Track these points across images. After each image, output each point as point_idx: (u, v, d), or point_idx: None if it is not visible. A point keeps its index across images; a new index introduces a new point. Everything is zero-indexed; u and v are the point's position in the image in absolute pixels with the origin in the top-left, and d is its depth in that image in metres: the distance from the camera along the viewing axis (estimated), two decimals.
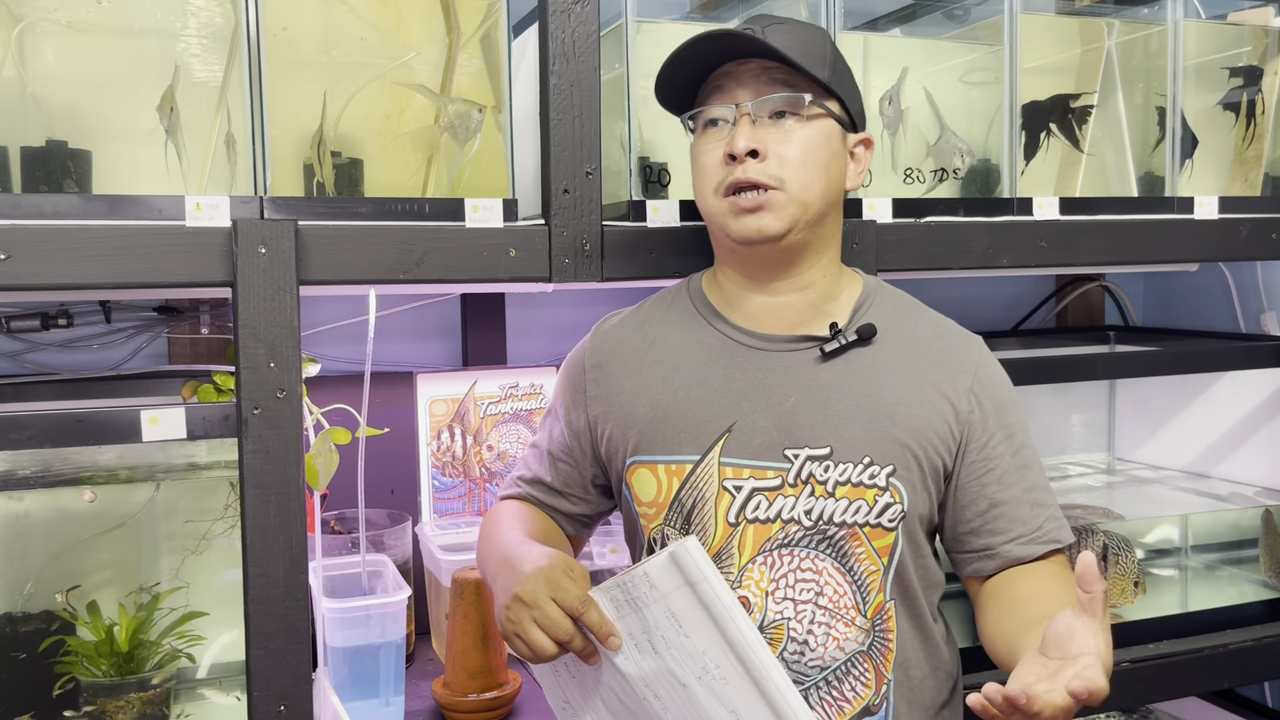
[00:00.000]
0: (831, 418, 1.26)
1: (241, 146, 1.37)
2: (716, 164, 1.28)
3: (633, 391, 1.33)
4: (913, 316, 1.36)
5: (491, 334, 2.12)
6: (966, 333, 1.37)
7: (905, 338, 1.32)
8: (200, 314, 1.92)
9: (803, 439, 1.26)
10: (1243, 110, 1.91)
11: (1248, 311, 2.31)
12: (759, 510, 1.26)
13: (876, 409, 1.27)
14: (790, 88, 1.27)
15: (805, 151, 1.26)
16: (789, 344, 1.31)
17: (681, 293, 1.40)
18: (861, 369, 1.29)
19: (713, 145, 1.29)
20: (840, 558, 1.25)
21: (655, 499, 1.30)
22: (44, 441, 1.29)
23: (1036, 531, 1.30)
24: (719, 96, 1.29)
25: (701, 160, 1.30)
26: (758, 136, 1.25)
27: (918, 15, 1.82)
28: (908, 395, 1.28)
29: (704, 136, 1.31)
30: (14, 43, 1.31)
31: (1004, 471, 1.30)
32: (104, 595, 1.47)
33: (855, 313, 1.33)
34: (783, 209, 1.25)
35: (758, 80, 1.27)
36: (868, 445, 1.26)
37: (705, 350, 1.33)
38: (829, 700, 1.25)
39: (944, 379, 1.30)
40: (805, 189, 1.26)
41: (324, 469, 1.50)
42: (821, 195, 1.28)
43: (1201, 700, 2.22)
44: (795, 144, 1.26)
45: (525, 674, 1.86)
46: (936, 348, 1.33)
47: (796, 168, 1.26)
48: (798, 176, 1.26)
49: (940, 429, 1.28)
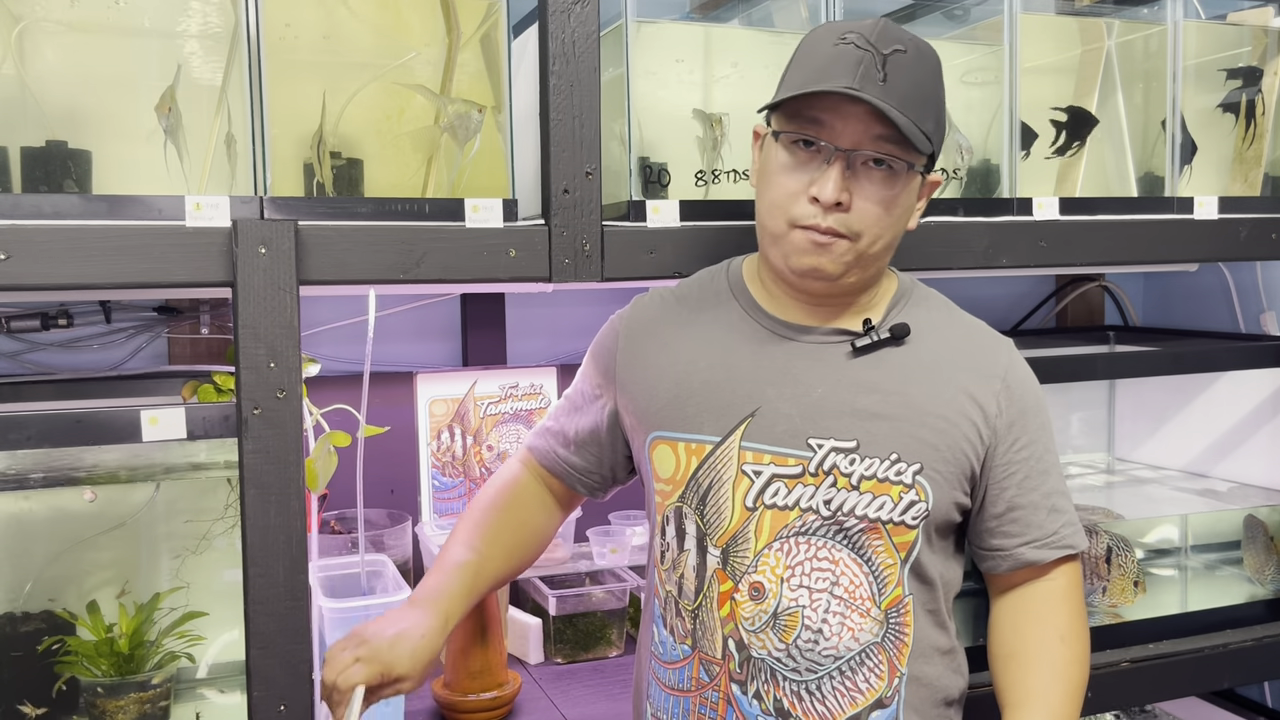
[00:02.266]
0: (860, 412, 1.27)
1: (241, 146, 1.37)
2: (797, 195, 1.24)
3: (659, 367, 1.34)
4: (945, 317, 1.36)
5: (491, 334, 2.12)
6: (997, 335, 1.37)
7: (937, 338, 1.33)
8: (200, 314, 1.92)
9: (829, 430, 1.27)
10: (1242, 111, 1.91)
11: (1247, 311, 2.31)
12: (777, 496, 1.26)
13: (906, 407, 1.27)
14: (896, 146, 1.22)
15: (887, 210, 1.25)
16: (822, 336, 1.31)
17: (720, 275, 1.40)
18: (893, 367, 1.30)
19: (799, 172, 1.24)
20: (856, 549, 1.26)
21: (673, 476, 1.31)
22: (44, 441, 1.29)
23: (1051, 537, 1.32)
24: (818, 130, 1.22)
25: (782, 179, 1.25)
26: (847, 186, 1.22)
27: (918, 15, 1.82)
28: (938, 396, 1.28)
29: (791, 154, 1.25)
30: (14, 43, 1.31)
31: (1025, 476, 1.31)
32: (104, 595, 1.47)
33: (890, 311, 1.33)
34: (843, 256, 1.25)
35: (863, 128, 1.21)
36: (895, 442, 1.26)
37: (736, 334, 1.33)
38: (842, 690, 1.26)
39: (974, 382, 1.30)
40: (873, 243, 1.25)
41: (323, 472, 1.50)
42: (885, 246, 1.27)
43: (1201, 700, 2.22)
44: (880, 203, 1.24)
45: (525, 674, 1.86)
46: (967, 350, 1.33)
47: (873, 223, 1.24)
48: (872, 231, 1.24)
49: (969, 431, 1.28)
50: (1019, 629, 1.33)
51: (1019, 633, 1.32)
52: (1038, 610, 1.32)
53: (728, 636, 1.27)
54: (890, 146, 1.22)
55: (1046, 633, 1.31)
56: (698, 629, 1.29)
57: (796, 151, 1.25)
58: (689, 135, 1.61)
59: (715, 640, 1.28)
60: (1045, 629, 1.31)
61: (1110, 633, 1.79)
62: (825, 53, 1.23)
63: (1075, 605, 1.33)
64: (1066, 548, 1.32)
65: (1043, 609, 1.32)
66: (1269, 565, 1.93)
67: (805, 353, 1.30)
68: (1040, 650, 1.30)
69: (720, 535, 1.28)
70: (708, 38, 1.67)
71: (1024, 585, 1.34)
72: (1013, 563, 1.32)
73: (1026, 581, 1.34)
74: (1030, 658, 1.30)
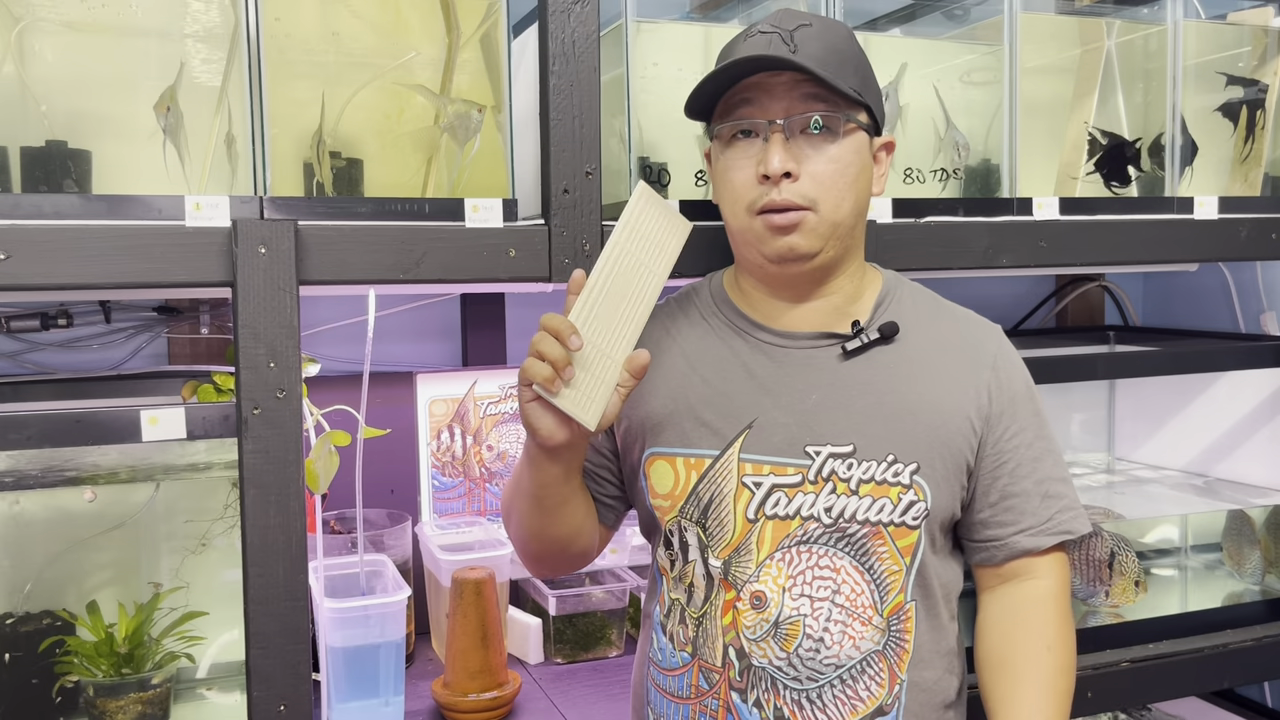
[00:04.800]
0: (854, 415, 1.27)
1: (241, 146, 1.37)
2: (748, 181, 1.25)
3: (653, 383, 1.33)
4: (932, 312, 1.36)
5: (491, 334, 2.12)
6: (986, 323, 1.37)
7: (926, 334, 1.32)
8: (200, 314, 1.92)
9: (824, 436, 1.26)
10: (1242, 122, 1.91)
11: (1248, 311, 2.31)
12: (778, 507, 1.26)
13: (899, 406, 1.27)
14: (825, 104, 1.24)
15: (838, 170, 1.25)
16: (811, 341, 1.31)
17: (702, 290, 1.40)
18: (884, 366, 1.29)
19: (743, 160, 1.26)
20: (860, 556, 1.26)
21: (672, 491, 1.30)
22: (44, 441, 1.29)
23: (1046, 523, 1.31)
24: (749, 110, 1.26)
25: (731, 175, 1.27)
26: (791, 155, 1.23)
27: (918, 15, 1.82)
28: (930, 392, 1.28)
29: (733, 149, 1.28)
30: (14, 43, 1.31)
31: (1017, 464, 1.30)
32: (104, 595, 1.47)
33: (876, 310, 1.33)
34: (814, 230, 1.24)
35: (790, 94, 1.24)
36: (891, 443, 1.26)
37: (726, 347, 1.33)
38: (842, 699, 1.25)
39: (965, 374, 1.30)
40: (837, 208, 1.25)
41: (324, 472, 1.50)
42: (852, 211, 1.27)
43: (1201, 700, 2.22)
44: (829, 163, 1.24)
45: (525, 674, 1.86)
46: (957, 343, 1.33)
47: (829, 188, 1.24)
48: (830, 197, 1.24)
49: (962, 425, 1.28)
50: (1008, 636, 1.31)
51: (1008, 640, 1.31)
52: (1027, 616, 1.31)
53: (728, 645, 1.27)
54: (820, 105, 1.24)
55: (1034, 642, 1.30)
56: (699, 637, 1.29)
57: (737, 144, 1.27)
58: (689, 135, 1.61)
59: (716, 648, 1.28)
60: (1033, 638, 1.30)
61: (1110, 633, 1.79)
62: (735, 47, 1.27)
63: (1063, 610, 1.33)
64: (1063, 533, 1.32)
65: (1032, 615, 1.31)
66: (1250, 559, 1.93)
67: (797, 360, 1.30)
68: (1029, 662, 1.29)
69: (722, 548, 1.27)
70: (708, 38, 1.67)
71: (1013, 584, 1.33)
72: (1008, 552, 1.31)
73: (1016, 579, 1.33)
74: (1019, 669, 1.29)
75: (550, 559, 1.38)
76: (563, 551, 1.35)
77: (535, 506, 1.28)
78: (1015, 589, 1.33)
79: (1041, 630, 1.31)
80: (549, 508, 1.28)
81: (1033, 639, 1.30)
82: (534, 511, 1.29)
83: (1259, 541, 1.94)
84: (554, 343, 1.14)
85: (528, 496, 1.28)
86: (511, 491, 1.34)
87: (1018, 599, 1.32)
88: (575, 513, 1.32)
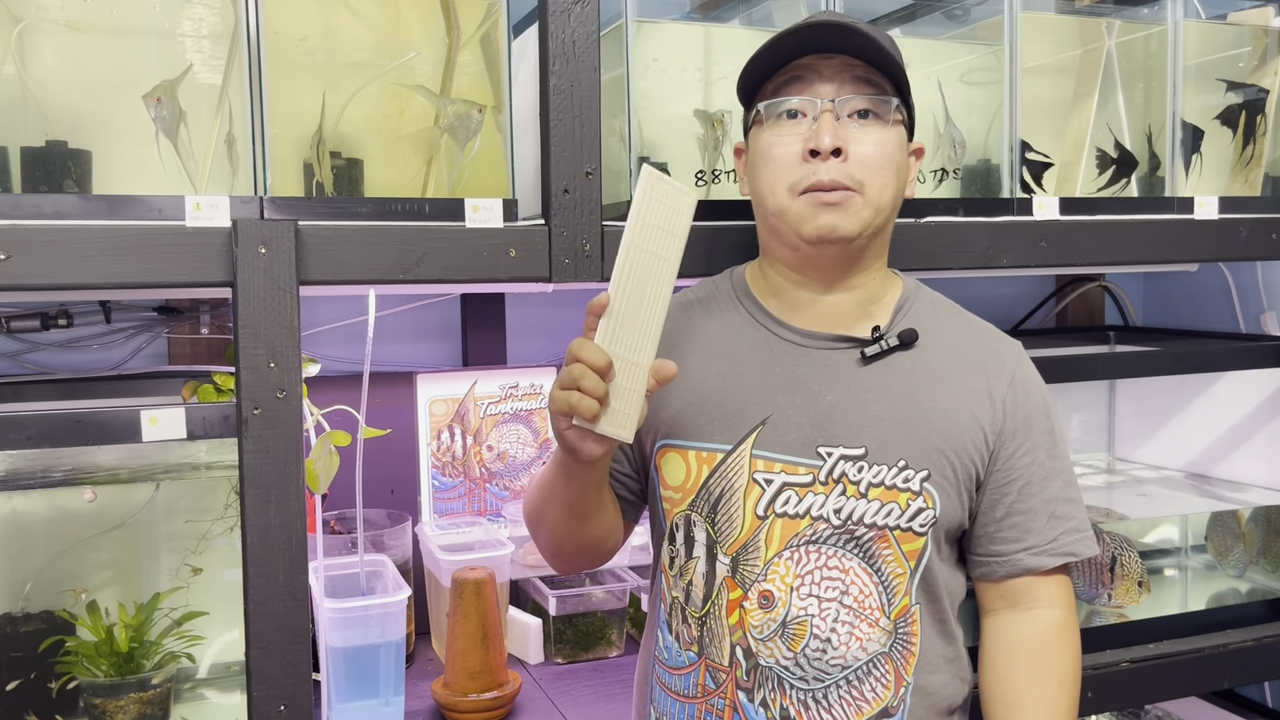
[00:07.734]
0: (868, 418, 1.26)
1: (241, 146, 1.37)
2: (793, 159, 1.25)
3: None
4: (952, 321, 1.36)
5: (491, 334, 2.12)
6: (1005, 338, 1.37)
7: (945, 343, 1.32)
8: (200, 314, 1.92)
9: (837, 437, 1.26)
10: (1241, 128, 1.91)
11: (1248, 311, 2.31)
12: (788, 505, 1.26)
13: (914, 413, 1.27)
14: (876, 88, 1.25)
15: (884, 155, 1.25)
16: (830, 343, 1.30)
17: (724, 283, 1.39)
18: (901, 372, 1.29)
19: (789, 138, 1.26)
20: (868, 558, 1.25)
21: (683, 484, 1.30)
22: (44, 441, 1.29)
23: (1051, 544, 1.30)
24: (799, 88, 1.26)
25: (775, 153, 1.26)
26: (841, 134, 1.23)
27: (918, 15, 1.82)
28: (946, 401, 1.28)
29: (777, 127, 1.27)
30: (14, 43, 1.31)
31: (1026, 482, 1.30)
32: (104, 595, 1.47)
33: (896, 314, 1.33)
34: (858, 212, 1.24)
35: (841, 76, 1.25)
36: (903, 449, 1.26)
37: (745, 341, 1.32)
38: (848, 699, 1.25)
39: (981, 387, 1.30)
40: (881, 194, 1.25)
41: (324, 473, 1.50)
42: (892, 201, 1.28)
43: (1201, 700, 2.22)
44: (876, 146, 1.24)
45: (525, 674, 1.86)
46: (976, 354, 1.32)
47: (876, 171, 1.24)
48: (876, 180, 1.24)
49: (975, 437, 1.28)
50: (1019, 672, 1.30)
51: (1019, 676, 1.30)
52: (1035, 649, 1.30)
53: (735, 644, 1.27)
54: (869, 89, 1.25)
55: (1048, 682, 1.29)
56: (704, 636, 1.29)
57: (783, 125, 1.27)
58: (689, 134, 1.61)
59: (723, 648, 1.28)
60: (1047, 677, 1.29)
61: (1110, 633, 1.79)
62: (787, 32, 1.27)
63: (1072, 641, 1.32)
64: (1066, 555, 1.31)
65: (1041, 649, 1.30)
66: (1233, 551, 1.94)
67: (815, 360, 1.30)
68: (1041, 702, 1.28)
69: (731, 544, 1.27)
70: (708, 37, 1.67)
71: (1020, 613, 1.32)
72: (1009, 569, 1.30)
73: (1021, 605, 1.31)
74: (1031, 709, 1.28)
75: (584, 558, 1.39)
76: (596, 548, 1.36)
77: (570, 514, 1.29)
78: (1024, 620, 1.32)
79: (1054, 667, 1.29)
80: (584, 514, 1.29)
81: (1046, 678, 1.29)
82: (569, 519, 1.29)
83: (1242, 535, 1.94)
84: (595, 379, 1.11)
85: (562, 506, 1.28)
86: (540, 501, 1.33)
87: (1027, 631, 1.31)
88: (607, 514, 1.33)
